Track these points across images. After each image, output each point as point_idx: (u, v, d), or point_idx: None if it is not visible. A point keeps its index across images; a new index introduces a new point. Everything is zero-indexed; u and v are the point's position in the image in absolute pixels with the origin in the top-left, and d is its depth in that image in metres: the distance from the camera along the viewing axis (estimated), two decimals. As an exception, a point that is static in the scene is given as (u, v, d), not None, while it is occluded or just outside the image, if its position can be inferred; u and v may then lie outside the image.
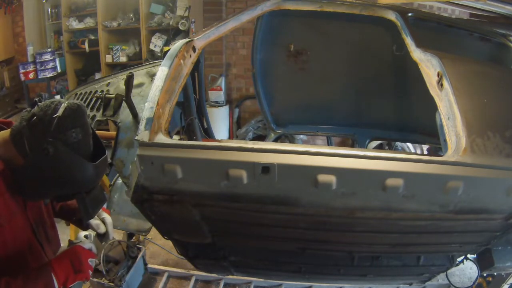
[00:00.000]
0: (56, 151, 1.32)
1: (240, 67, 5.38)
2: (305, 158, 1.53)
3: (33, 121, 1.33)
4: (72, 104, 1.38)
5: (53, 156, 1.32)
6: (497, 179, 1.50)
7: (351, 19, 2.87)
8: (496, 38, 2.77)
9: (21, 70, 5.97)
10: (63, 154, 1.33)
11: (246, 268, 2.42)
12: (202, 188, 1.63)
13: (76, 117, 1.37)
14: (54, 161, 1.33)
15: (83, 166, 1.38)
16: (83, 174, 1.39)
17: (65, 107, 1.35)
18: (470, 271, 2.45)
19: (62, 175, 1.37)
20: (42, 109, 1.35)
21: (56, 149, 1.32)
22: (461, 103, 1.65)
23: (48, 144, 1.31)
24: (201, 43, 2.31)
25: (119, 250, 2.88)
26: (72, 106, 1.37)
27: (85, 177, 1.41)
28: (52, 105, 1.35)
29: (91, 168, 1.40)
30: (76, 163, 1.36)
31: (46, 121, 1.32)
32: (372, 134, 3.65)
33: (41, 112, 1.34)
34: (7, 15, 6.25)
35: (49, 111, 1.34)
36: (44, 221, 1.58)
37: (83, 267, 1.50)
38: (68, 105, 1.36)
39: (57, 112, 1.33)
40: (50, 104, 1.36)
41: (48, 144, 1.31)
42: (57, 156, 1.32)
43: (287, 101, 3.67)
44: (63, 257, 1.49)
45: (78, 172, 1.38)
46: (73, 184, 1.42)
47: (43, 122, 1.32)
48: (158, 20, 5.77)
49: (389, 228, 1.76)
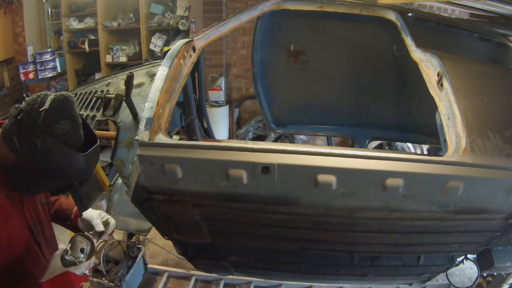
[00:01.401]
0: (44, 144, 1.31)
1: (240, 67, 5.39)
2: (305, 158, 1.53)
3: (21, 117, 1.33)
4: (58, 96, 1.37)
5: (42, 149, 1.31)
6: (497, 179, 1.50)
7: (351, 19, 2.87)
8: (496, 38, 2.77)
9: (21, 70, 5.98)
10: (52, 147, 1.32)
11: (246, 268, 2.42)
12: (202, 188, 1.62)
13: (63, 108, 1.36)
14: (43, 154, 1.32)
15: (74, 157, 1.37)
16: (74, 165, 1.38)
17: (52, 99, 1.34)
18: (470, 271, 2.45)
19: (52, 168, 1.36)
20: (29, 103, 1.35)
21: (45, 142, 1.31)
22: (461, 103, 1.65)
23: (36, 138, 1.30)
24: (201, 43, 2.30)
25: (119, 250, 2.87)
26: (59, 98, 1.36)
27: (77, 168, 1.40)
28: (39, 99, 1.35)
29: (82, 158, 1.38)
30: (66, 155, 1.36)
31: (33, 115, 1.31)
32: (372, 134, 3.65)
33: (28, 106, 1.34)
34: (7, 15, 6.25)
35: (35, 105, 1.33)
36: (41, 219, 1.58)
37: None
38: (54, 97, 1.35)
39: (44, 105, 1.32)
40: (36, 98, 1.35)
41: (36, 138, 1.30)
42: (46, 149, 1.32)
43: (287, 101, 3.67)
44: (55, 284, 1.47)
45: (69, 163, 1.37)
46: (65, 175, 1.41)
47: (30, 116, 1.32)
48: (158, 20, 5.77)
49: (389, 228, 1.76)
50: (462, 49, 2.85)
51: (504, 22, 3.20)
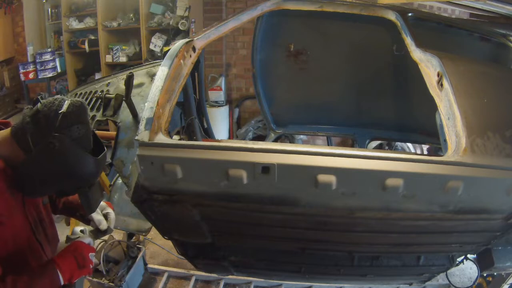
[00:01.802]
0: (61, 145, 1.35)
1: (240, 67, 5.38)
2: (305, 158, 1.53)
3: (38, 117, 1.36)
4: (75, 101, 1.42)
5: (58, 150, 1.35)
6: (497, 179, 1.50)
7: (351, 19, 2.87)
8: (496, 38, 2.77)
9: (21, 70, 5.97)
10: (68, 148, 1.37)
11: (246, 268, 2.42)
12: (202, 188, 1.63)
13: (79, 113, 1.41)
14: (59, 155, 1.36)
15: (86, 160, 1.42)
16: (86, 168, 1.43)
17: (69, 103, 1.39)
18: (470, 271, 2.45)
19: (66, 169, 1.40)
20: (46, 105, 1.38)
21: (62, 143, 1.35)
22: (461, 103, 1.65)
23: (54, 138, 1.34)
24: (201, 43, 2.31)
25: (119, 250, 2.88)
26: (76, 103, 1.42)
27: (88, 171, 1.45)
28: (56, 102, 1.39)
29: (94, 162, 1.44)
30: (80, 157, 1.41)
31: (51, 116, 1.35)
32: (372, 134, 3.65)
33: (45, 108, 1.37)
34: (7, 15, 6.24)
35: (53, 107, 1.37)
36: (42, 219, 1.59)
37: (86, 263, 1.55)
38: (71, 102, 1.41)
39: (62, 108, 1.37)
40: (53, 101, 1.40)
41: (54, 139, 1.34)
42: (62, 150, 1.36)
43: (287, 101, 3.67)
44: (66, 254, 1.53)
45: (82, 166, 1.42)
46: (77, 177, 1.45)
47: (48, 117, 1.36)
48: (158, 20, 5.77)
49: (389, 228, 1.76)
50: (462, 49, 2.85)
51: (504, 22, 3.20)
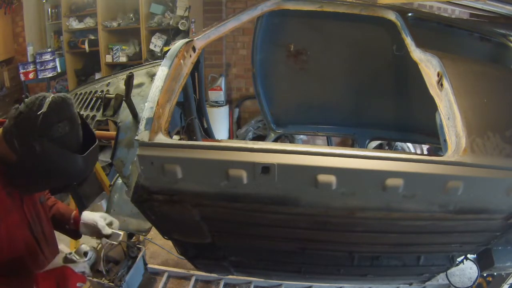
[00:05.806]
0: (42, 148, 1.33)
1: (240, 67, 5.39)
2: (305, 158, 1.53)
3: (20, 119, 1.35)
4: (56, 97, 1.38)
5: (40, 153, 1.33)
6: (497, 179, 1.50)
7: (351, 19, 2.87)
8: (496, 38, 2.76)
9: (21, 70, 5.97)
10: (50, 150, 1.34)
11: (246, 268, 2.42)
12: (202, 188, 1.62)
13: (61, 110, 1.37)
14: (42, 157, 1.34)
15: (72, 159, 1.39)
16: (72, 167, 1.41)
17: (50, 101, 1.35)
18: (470, 271, 2.45)
19: (51, 169, 1.38)
20: (27, 105, 1.36)
21: (43, 146, 1.33)
22: (461, 103, 1.65)
23: (34, 141, 1.32)
24: (201, 43, 2.31)
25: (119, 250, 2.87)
26: (57, 99, 1.38)
27: (74, 170, 1.42)
28: (37, 101, 1.36)
29: (80, 160, 1.40)
30: (64, 157, 1.38)
31: (32, 118, 1.33)
32: (372, 134, 3.65)
33: (26, 109, 1.35)
34: (7, 15, 6.24)
35: (34, 108, 1.34)
36: (41, 217, 1.60)
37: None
38: (52, 99, 1.37)
39: (42, 108, 1.33)
40: (35, 100, 1.36)
41: (35, 142, 1.32)
42: (44, 152, 1.34)
43: (287, 101, 3.67)
44: (50, 276, 1.50)
45: (67, 165, 1.40)
46: (63, 177, 1.44)
47: (29, 119, 1.33)
48: (158, 20, 5.77)
49: (389, 228, 1.76)
50: (462, 49, 2.85)
51: (504, 22, 3.20)
